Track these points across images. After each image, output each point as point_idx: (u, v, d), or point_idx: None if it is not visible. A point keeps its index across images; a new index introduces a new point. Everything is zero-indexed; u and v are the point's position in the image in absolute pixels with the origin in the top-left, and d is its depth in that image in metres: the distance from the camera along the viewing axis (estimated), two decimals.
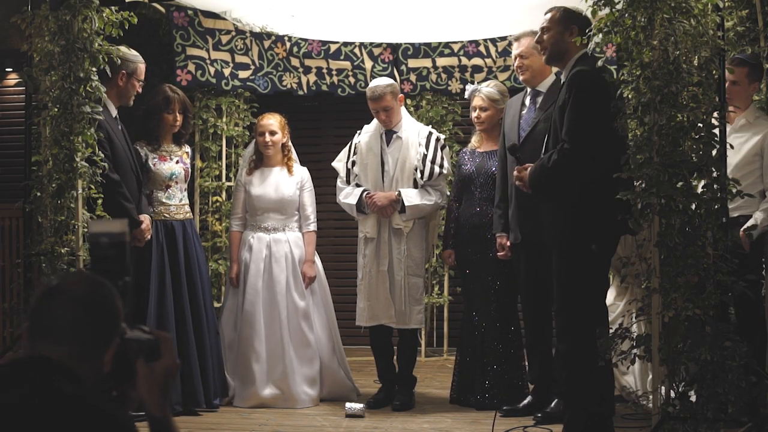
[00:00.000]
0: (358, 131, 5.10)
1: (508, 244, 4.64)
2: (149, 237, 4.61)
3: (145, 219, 4.56)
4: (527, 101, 4.67)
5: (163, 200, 4.83)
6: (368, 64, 6.12)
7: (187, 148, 5.02)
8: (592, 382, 3.75)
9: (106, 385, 1.76)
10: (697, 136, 3.51)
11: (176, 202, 4.87)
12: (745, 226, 4.28)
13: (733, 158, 4.14)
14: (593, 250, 3.73)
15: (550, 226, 3.92)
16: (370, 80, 5.74)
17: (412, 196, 4.83)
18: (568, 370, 3.88)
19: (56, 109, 4.02)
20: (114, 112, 4.53)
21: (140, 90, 4.63)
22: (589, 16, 3.81)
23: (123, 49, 4.40)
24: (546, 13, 4.01)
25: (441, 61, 6.20)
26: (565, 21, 3.94)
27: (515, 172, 4.07)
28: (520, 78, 4.72)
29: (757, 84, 4.55)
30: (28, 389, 1.60)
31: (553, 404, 4.48)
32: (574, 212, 3.78)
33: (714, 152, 3.59)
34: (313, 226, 5.15)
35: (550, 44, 3.97)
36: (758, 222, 4.27)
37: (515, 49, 4.68)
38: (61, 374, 1.64)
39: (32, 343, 1.71)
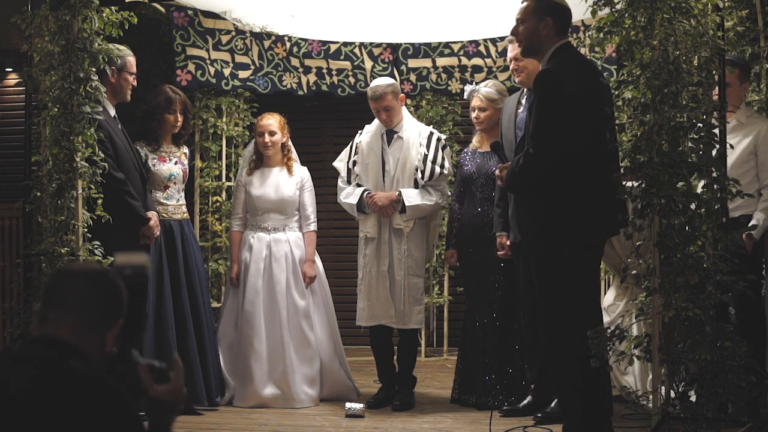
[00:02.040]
0: (359, 131, 5.10)
1: (508, 243, 4.65)
2: (158, 233, 4.61)
3: (153, 216, 4.56)
4: (523, 101, 4.66)
5: (162, 200, 4.83)
6: (368, 64, 6.12)
7: (185, 149, 5.03)
8: (580, 386, 3.70)
9: (109, 365, 1.89)
10: (697, 136, 3.51)
11: (174, 202, 4.88)
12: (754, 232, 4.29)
13: (727, 159, 4.14)
14: (566, 256, 3.63)
15: (525, 230, 3.85)
16: (370, 80, 5.75)
17: (412, 196, 4.83)
18: (555, 375, 3.86)
19: (56, 109, 4.01)
20: (112, 112, 4.52)
21: (135, 83, 4.61)
22: (590, 15, 3.78)
23: (110, 46, 4.38)
24: (522, 2, 3.79)
25: (441, 61, 6.20)
26: (539, 12, 3.70)
27: (497, 171, 3.98)
28: (516, 80, 4.71)
29: (747, 84, 4.56)
30: (41, 366, 1.75)
31: (553, 404, 4.48)
32: (546, 217, 3.67)
33: (714, 152, 3.59)
34: (313, 226, 5.15)
35: (524, 37, 3.75)
36: (759, 222, 4.28)
37: (510, 52, 4.66)
38: (71, 353, 1.79)
39: (43, 319, 1.86)
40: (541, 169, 3.63)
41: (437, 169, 4.88)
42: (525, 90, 4.67)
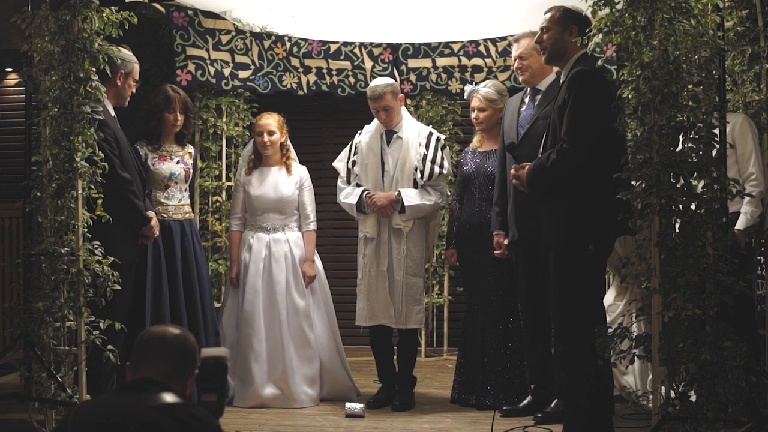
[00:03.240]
0: (359, 131, 5.10)
1: (506, 242, 4.65)
2: (157, 233, 4.61)
3: (153, 216, 4.56)
4: (526, 99, 4.68)
5: (161, 200, 4.82)
6: (368, 64, 6.12)
7: (190, 149, 5.01)
8: (590, 382, 3.75)
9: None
10: (697, 136, 3.51)
11: (175, 202, 4.86)
12: (742, 226, 4.30)
13: None
14: (590, 251, 3.73)
15: (547, 225, 3.92)
16: (370, 80, 5.75)
17: (411, 196, 4.83)
18: (566, 370, 3.89)
19: (56, 109, 4.01)
20: (113, 112, 4.53)
21: (134, 91, 4.63)
22: (589, 16, 3.80)
23: (121, 49, 4.40)
24: (546, 13, 4.00)
25: (441, 61, 6.20)
26: (565, 21, 3.93)
27: (512, 171, 4.07)
28: (520, 78, 4.73)
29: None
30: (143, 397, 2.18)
31: (553, 404, 4.48)
32: (572, 212, 3.78)
33: (714, 152, 3.59)
34: (312, 225, 5.15)
35: (550, 44, 3.96)
36: (749, 216, 4.30)
37: (515, 51, 4.69)
38: (164, 388, 2.21)
39: (138, 368, 2.29)
40: (575, 163, 3.75)
41: (436, 169, 4.88)
42: (529, 89, 4.69)
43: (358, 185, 4.97)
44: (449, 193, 5.14)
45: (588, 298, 3.81)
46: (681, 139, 3.53)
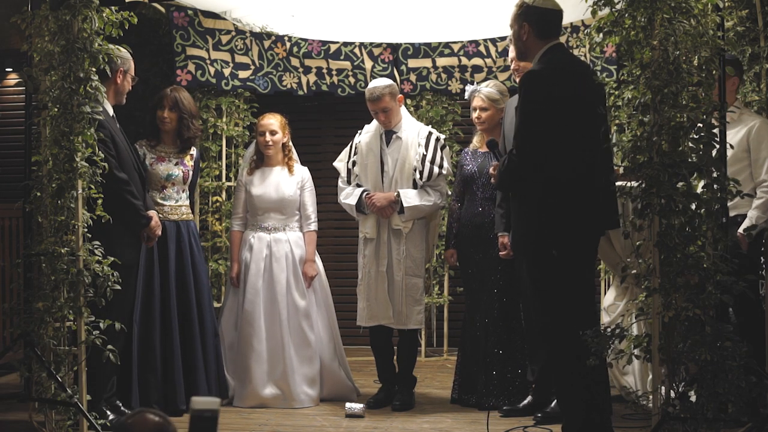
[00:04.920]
0: (359, 131, 5.10)
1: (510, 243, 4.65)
2: (159, 233, 4.61)
3: (154, 215, 4.56)
4: None
5: (158, 200, 4.82)
6: (368, 64, 6.13)
7: (193, 150, 5.00)
8: (575, 386, 3.68)
9: None
10: (697, 136, 3.51)
11: (172, 203, 4.86)
12: (744, 227, 4.29)
13: None
14: (554, 256, 3.64)
15: (514, 230, 3.86)
16: (370, 80, 5.75)
17: (411, 197, 4.83)
18: (552, 375, 3.86)
19: (56, 109, 4.01)
20: (111, 111, 4.53)
21: (131, 87, 4.63)
22: (589, 15, 3.78)
23: (120, 48, 4.40)
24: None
25: (441, 61, 6.20)
26: (519, 18, 3.79)
27: (491, 170, 4.05)
28: (517, 80, 4.72)
29: (737, 79, 4.54)
30: None
31: (553, 404, 4.48)
32: (534, 217, 3.69)
33: (714, 152, 3.59)
34: (313, 226, 5.16)
35: (513, 42, 3.88)
36: (754, 221, 4.29)
37: (511, 52, 4.68)
38: None
39: None
40: (523, 169, 3.67)
41: (436, 169, 4.88)
42: None
43: (358, 185, 4.98)
44: (449, 193, 5.14)
45: (563, 301, 3.68)
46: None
